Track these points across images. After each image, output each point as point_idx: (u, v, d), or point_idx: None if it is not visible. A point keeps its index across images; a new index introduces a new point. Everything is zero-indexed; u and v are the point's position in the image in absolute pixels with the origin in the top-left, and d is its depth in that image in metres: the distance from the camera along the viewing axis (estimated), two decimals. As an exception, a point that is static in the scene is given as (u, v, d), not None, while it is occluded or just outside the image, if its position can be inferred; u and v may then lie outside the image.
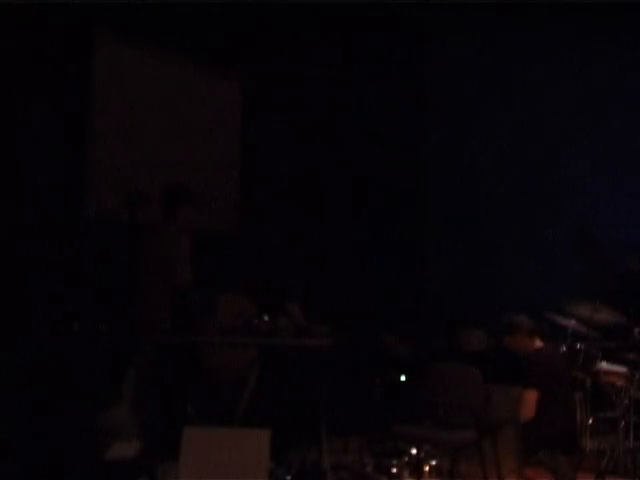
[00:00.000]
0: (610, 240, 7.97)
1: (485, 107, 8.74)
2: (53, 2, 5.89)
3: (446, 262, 8.64)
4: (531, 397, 5.08)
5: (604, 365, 5.94)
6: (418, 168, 8.87)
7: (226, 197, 7.75)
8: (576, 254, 8.12)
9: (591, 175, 8.38)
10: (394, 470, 5.42)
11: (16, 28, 5.84)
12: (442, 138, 8.88)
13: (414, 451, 5.43)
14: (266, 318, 5.07)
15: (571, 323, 6.15)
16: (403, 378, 6.60)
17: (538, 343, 5.32)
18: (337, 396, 6.26)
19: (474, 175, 8.69)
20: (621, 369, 5.86)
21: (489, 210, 8.60)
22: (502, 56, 8.73)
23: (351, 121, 8.58)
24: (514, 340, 5.36)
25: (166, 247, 5.31)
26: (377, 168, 8.52)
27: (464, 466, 5.21)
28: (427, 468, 5.42)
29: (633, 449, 5.56)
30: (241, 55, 7.70)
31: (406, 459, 5.51)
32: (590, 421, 5.84)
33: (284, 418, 6.18)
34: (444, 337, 7.12)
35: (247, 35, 7.80)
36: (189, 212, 5.57)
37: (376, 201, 8.50)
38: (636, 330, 5.93)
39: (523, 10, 8.32)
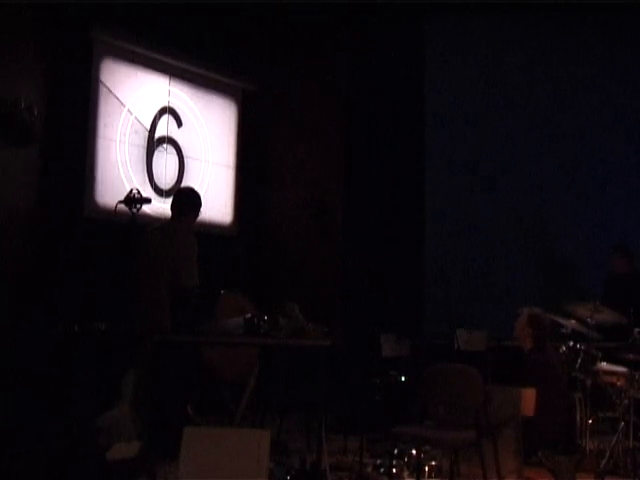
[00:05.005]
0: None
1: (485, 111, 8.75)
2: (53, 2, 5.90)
3: (446, 262, 8.63)
4: (531, 396, 5.08)
5: (604, 365, 5.94)
6: (418, 167, 8.85)
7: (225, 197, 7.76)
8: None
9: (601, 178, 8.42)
10: (394, 470, 5.41)
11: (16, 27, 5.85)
12: (441, 138, 8.86)
13: (414, 451, 5.42)
14: (266, 318, 5.06)
15: (571, 323, 6.15)
16: (403, 378, 6.60)
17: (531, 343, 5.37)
18: (337, 396, 6.27)
19: (474, 174, 8.67)
20: (621, 369, 5.85)
21: (489, 208, 8.59)
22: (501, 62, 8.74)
23: (350, 120, 8.58)
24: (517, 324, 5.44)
25: (177, 247, 5.33)
26: (377, 168, 8.51)
27: (464, 466, 5.20)
28: (427, 468, 5.41)
29: (633, 449, 5.55)
30: (242, 55, 7.70)
31: (406, 459, 5.51)
32: (590, 421, 5.84)
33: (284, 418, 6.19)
34: (444, 337, 7.12)
35: (247, 35, 7.79)
36: (195, 216, 5.60)
37: (376, 201, 8.49)
38: (636, 330, 5.91)
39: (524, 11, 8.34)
